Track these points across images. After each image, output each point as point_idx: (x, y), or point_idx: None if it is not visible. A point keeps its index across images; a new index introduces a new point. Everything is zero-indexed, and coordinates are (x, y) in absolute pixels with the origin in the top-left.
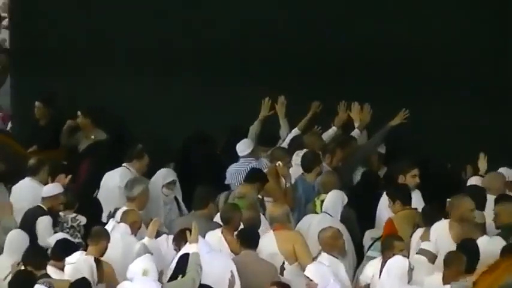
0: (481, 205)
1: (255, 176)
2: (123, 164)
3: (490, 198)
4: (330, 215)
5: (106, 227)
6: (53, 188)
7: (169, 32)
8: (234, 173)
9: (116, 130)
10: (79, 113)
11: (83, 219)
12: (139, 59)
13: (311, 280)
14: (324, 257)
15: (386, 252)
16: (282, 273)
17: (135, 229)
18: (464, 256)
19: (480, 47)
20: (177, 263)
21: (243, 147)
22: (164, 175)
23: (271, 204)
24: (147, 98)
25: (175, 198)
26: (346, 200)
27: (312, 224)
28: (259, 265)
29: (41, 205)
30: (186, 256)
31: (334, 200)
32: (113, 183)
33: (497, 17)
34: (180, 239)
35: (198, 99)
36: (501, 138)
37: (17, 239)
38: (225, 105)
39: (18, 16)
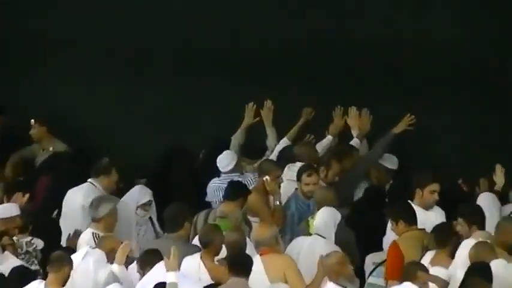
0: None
1: (236, 191)
2: (89, 180)
3: None
4: (323, 237)
5: (77, 253)
6: (9, 209)
7: (138, 32)
8: (215, 190)
9: (76, 141)
10: (32, 121)
11: (39, 243)
12: (102, 61)
13: None
14: (331, 286)
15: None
16: None
17: (111, 257)
18: (485, 282)
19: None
20: None
21: (226, 161)
22: (139, 194)
23: (257, 226)
24: (112, 106)
25: (150, 219)
26: (339, 217)
27: (303, 248)
28: None
29: None
30: (162, 285)
31: (325, 219)
32: (77, 201)
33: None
34: (146, 261)
35: (172, 107)
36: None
37: None
38: (203, 113)
39: None
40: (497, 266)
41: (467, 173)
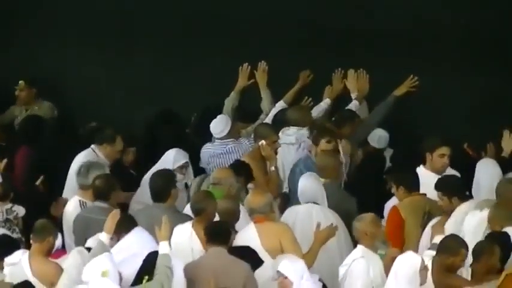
0: None
1: (240, 169)
2: (91, 146)
3: None
4: (317, 203)
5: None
6: None
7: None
8: (209, 156)
9: (64, 109)
10: (22, 83)
11: (20, 211)
12: (92, 30)
13: (285, 277)
14: (360, 250)
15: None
16: None
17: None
18: (497, 247)
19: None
20: (144, 262)
21: (220, 127)
22: (175, 156)
23: (251, 193)
24: (102, 75)
25: (186, 185)
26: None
27: (298, 215)
28: (229, 266)
29: None
30: (154, 255)
31: (310, 186)
32: (73, 167)
33: None
34: (120, 228)
35: (163, 76)
36: None
37: None
38: (197, 79)
39: None
40: None
41: (476, 139)
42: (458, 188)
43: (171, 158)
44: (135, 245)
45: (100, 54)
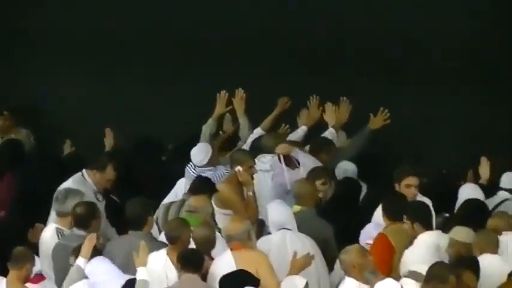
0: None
1: (204, 186)
2: (82, 171)
3: None
4: (289, 229)
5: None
6: None
7: (112, 23)
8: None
9: (47, 130)
10: (4, 112)
11: None
12: (76, 53)
13: None
14: (351, 284)
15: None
16: None
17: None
18: (453, 277)
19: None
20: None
21: (200, 156)
22: (186, 186)
23: (229, 220)
24: (85, 98)
25: None
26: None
27: (272, 243)
28: None
29: None
30: (132, 282)
31: (280, 213)
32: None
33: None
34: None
35: (145, 98)
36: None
37: None
38: (176, 105)
39: None
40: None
41: (456, 166)
42: (422, 215)
43: (183, 187)
44: (98, 273)
45: (80, 76)
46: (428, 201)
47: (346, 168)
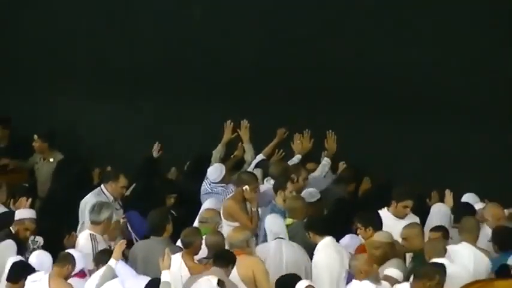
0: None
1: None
2: (101, 186)
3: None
4: (283, 238)
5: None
6: (28, 212)
7: (129, 57)
8: (203, 194)
9: (74, 151)
10: (36, 137)
11: (40, 241)
12: (99, 83)
13: None
14: (357, 285)
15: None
16: None
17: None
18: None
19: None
20: (147, 286)
21: (215, 174)
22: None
23: (231, 229)
24: (107, 123)
25: None
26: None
27: (270, 251)
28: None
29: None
30: (157, 282)
31: (276, 224)
32: (83, 202)
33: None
34: (100, 258)
35: (158, 124)
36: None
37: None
38: (189, 129)
39: None
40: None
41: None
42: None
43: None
44: (123, 273)
45: (107, 105)
46: (416, 219)
47: (309, 191)
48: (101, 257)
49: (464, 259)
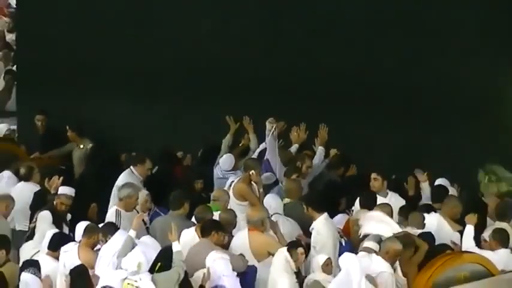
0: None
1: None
2: (130, 167)
3: None
4: (280, 213)
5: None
6: (70, 190)
7: (147, 61)
8: (216, 179)
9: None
10: (68, 127)
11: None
12: (122, 85)
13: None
14: (384, 265)
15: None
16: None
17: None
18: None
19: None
20: (159, 252)
21: (227, 163)
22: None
23: (250, 208)
24: (129, 118)
25: None
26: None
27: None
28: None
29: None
30: (168, 249)
31: (275, 202)
32: (116, 183)
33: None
34: (107, 231)
35: (177, 118)
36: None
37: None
38: (200, 121)
39: (24, 40)
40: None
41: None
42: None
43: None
44: (119, 244)
45: (126, 103)
46: (396, 195)
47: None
48: (108, 229)
49: (428, 225)
